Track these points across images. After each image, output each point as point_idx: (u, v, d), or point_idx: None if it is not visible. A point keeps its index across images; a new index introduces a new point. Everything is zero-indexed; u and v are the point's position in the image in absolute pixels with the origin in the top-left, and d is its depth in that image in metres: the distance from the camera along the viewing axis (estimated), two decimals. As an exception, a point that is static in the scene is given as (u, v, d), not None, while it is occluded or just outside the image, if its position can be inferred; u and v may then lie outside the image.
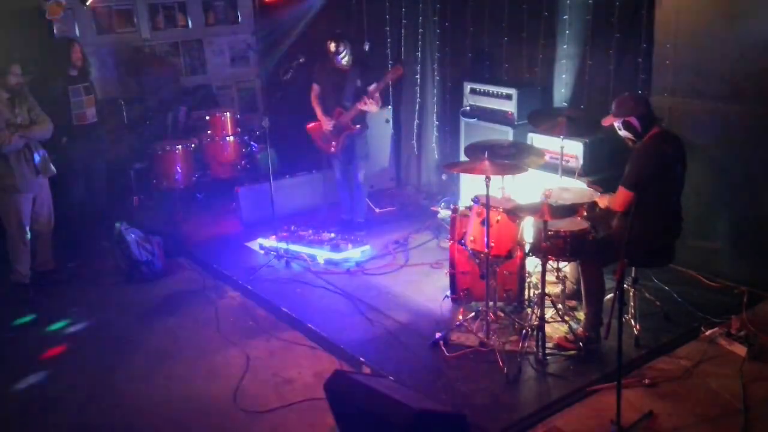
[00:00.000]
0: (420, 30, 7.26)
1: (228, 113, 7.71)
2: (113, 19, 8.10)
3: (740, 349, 4.36)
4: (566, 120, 5.10)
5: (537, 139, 5.75)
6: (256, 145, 7.87)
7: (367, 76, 6.23)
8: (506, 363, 4.28)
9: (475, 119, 6.45)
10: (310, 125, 6.53)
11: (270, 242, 6.26)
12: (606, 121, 4.51)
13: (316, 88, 6.42)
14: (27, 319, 5.48)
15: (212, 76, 8.87)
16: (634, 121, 4.34)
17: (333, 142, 6.38)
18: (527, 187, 5.19)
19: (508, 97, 6.12)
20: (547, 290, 4.46)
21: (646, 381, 4.12)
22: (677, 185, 4.40)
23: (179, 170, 7.36)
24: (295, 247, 6.15)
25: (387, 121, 7.66)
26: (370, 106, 6.18)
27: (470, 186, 6.11)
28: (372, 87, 6.13)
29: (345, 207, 6.74)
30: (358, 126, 6.30)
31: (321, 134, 6.44)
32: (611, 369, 4.11)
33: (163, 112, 8.08)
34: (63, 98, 6.32)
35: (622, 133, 4.42)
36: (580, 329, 4.56)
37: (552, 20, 6.02)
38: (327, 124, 6.33)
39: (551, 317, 4.63)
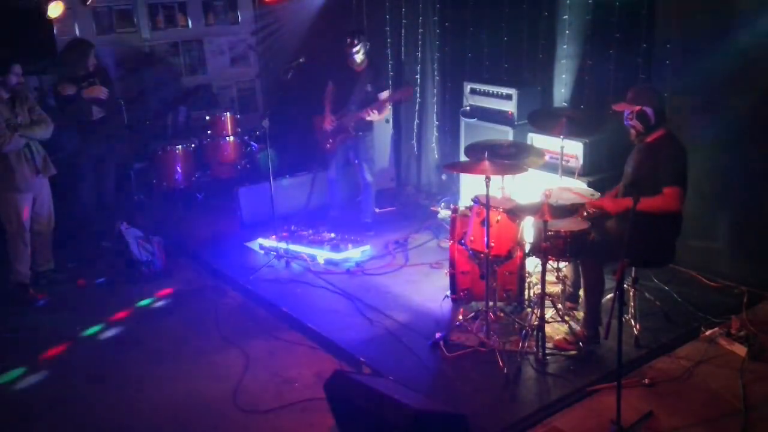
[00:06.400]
0: (420, 30, 7.25)
1: (228, 113, 7.70)
2: (113, 19, 8.10)
3: (740, 349, 4.36)
4: (566, 120, 5.09)
5: (537, 139, 5.75)
6: (256, 145, 7.87)
7: (378, 82, 6.24)
8: (506, 363, 4.28)
9: (475, 119, 6.44)
10: (317, 117, 6.56)
11: (270, 242, 6.26)
12: (619, 107, 4.46)
13: (330, 85, 6.45)
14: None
15: (212, 76, 8.87)
16: (649, 111, 4.32)
17: (330, 140, 6.40)
18: (527, 187, 5.19)
19: (508, 97, 6.12)
20: (547, 290, 4.46)
21: (646, 381, 4.12)
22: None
23: (179, 170, 7.37)
24: (295, 247, 6.15)
25: (387, 121, 7.65)
26: (374, 116, 6.19)
27: (470, 186, 6.11)
28: (382, 97, 6.15)
29: (333, 204, 6.76)
30: (359, 133, 6.30)
31: (322, 129, 6.47)
32: (611, 369, 4.11)
33: (163, 112, 8.08)
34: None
35: (631, 122, 4.38)
36: (580, 329, 4.57)
37: (552, 20, 6.02)
38: (329, 123, 6.36)
39: (551, 317, 4.63)
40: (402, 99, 6.25)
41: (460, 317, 4.81)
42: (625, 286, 4.45)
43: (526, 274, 4.94)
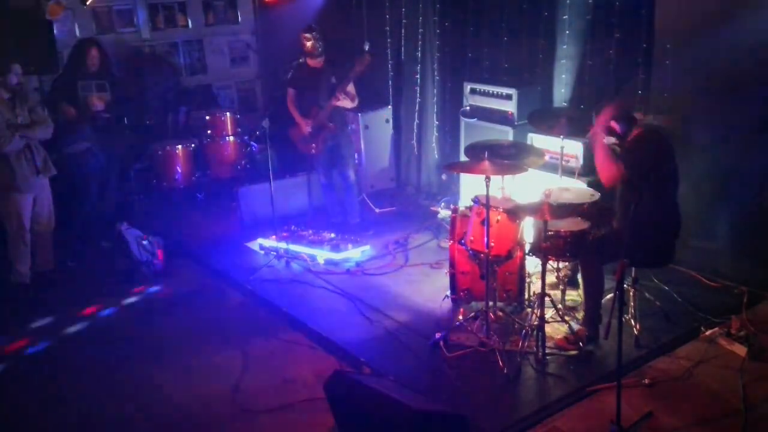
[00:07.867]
0: (420, 30, 7.25)
1: (228, 113, 7.71)
2: (113, 19, 8.10)
3: (740, 349, 4.36)
4: (566, 120, 5.10)
5: (537, 139, 5.75)
6: (256, 145, 7.87)
7: (340, 72, 6.23)
8: (506, 363, 4.28)
9: (475, 119, 6.44)
10: (292, 129, 6.52)
11: (270, 242, 6.26)
12: (591, 131, 4.55)
13: (291, 92, 6.43)
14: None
15: (212, 76, 8.88)
16: (613, 124, 4.38)
17: (312, 144, 6.37)
18: (527, 187, 5.19)
19: (508, 97, 6.12)
20: (547, 290, 4.47)
21: (646, 381, 4.12)
22: (674, 180, 4.40)
23: (179, 170, 7.37)
24: (295, 247, 6.15)
25: (387, 121, 7.66)
26: (344, 102, 6.20)
27: (470, 186, 6.11)
28: (344, 82, 6.11)
29: (333, 210, 6.73)
30: (335, 124, 6.29)
31: (301, 137, 6.43)
32: (611, 369, 4.11)
33: (163, 112, 8.08)
34: (71, 90, 6.38)
35: (607, 140, 4.44)
36: (580, 327, 4.57)
37: (552, 20, 6.01)
38: (306, 126, 6.33)
39: (551, 317, 4.63)
40: (362, 70, 6.12)
41: (460, 317, 4.81)
42: (625, 286, 4.45)
43: (526, 274, 4.94)
